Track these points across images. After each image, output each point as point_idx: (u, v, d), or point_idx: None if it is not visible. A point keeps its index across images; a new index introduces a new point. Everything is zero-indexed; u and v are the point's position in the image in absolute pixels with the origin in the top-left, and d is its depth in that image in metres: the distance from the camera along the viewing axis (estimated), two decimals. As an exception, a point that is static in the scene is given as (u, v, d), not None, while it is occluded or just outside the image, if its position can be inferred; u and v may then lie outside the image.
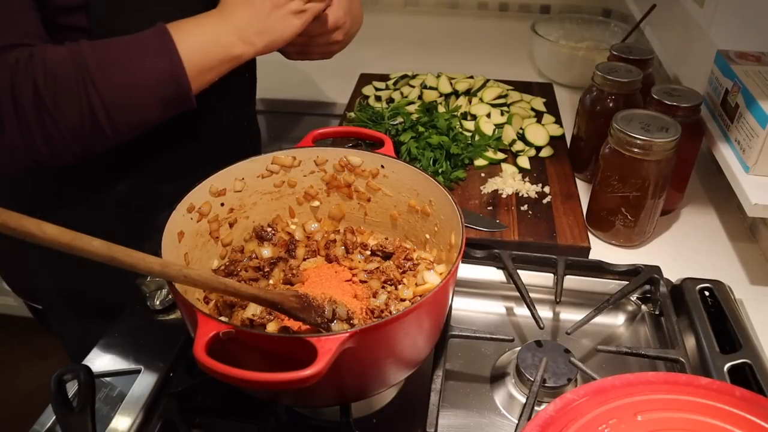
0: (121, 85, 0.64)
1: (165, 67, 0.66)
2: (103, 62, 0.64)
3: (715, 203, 1.01)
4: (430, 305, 0.56)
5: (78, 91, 0.63)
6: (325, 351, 0.46)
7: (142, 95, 0.66)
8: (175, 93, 0.67)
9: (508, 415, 0.67)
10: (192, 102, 0.70)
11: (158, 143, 0.81)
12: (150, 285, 0.75)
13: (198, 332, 0.47)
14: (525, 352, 0.69)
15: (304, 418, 0.66)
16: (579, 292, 0.81)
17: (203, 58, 0.69)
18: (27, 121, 0.62)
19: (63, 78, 0.62)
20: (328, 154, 0.74)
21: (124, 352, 0.70)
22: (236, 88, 0.91)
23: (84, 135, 0.65)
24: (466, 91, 1.22)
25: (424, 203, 0.71)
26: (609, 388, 0.49)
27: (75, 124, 0.64)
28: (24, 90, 0.61)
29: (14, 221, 0.38)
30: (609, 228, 0.90)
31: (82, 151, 0.67)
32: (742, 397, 0.47)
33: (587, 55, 1.34)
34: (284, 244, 0.73)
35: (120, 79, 0.64)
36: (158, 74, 0.66)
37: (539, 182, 1.01)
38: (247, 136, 1.01)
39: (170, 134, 0.79)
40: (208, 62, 0.69)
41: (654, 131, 0.80)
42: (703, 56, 1.01)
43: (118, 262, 0.44)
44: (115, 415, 0.62)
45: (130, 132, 0.68)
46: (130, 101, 0.65)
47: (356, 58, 0.96)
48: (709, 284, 0.78)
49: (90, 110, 0.64)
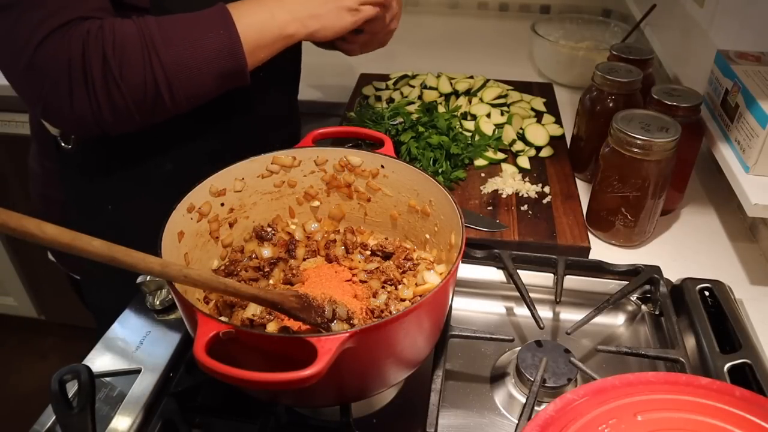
0: (183, 59, 0.68)
1: (224, 43, 0.70)
2: (168, 37, 0.68)
3: (715, 203, 1.01)
4: (430, 305, 0.56)
5: (143, 63, 0.67)
6: (325, 351, 0.46)
7: (202, 69, 0.70)
8: (232, 67, 0.71)
9: (508, 415, 0.67)
10: (246, 77, 0.73)
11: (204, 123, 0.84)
12: (150, 285, 0.75)
13: (198, 332, 0.47)
14: (525, 352, 0.69)
15: (304, 418, 0.66)
16: (579, 292, 0.81)
17: (259, 36, 0.72)
18: (95, 88, 0.66)
19: (130, 50, 0.66)
20: (328, 154, 0.74)
21: (124, 352, 0.70)
22: (281, 74, 0.95)
23: (146, 104, 0.69)
24: (466, 91, 1.22)
25: (424, 203, 0.71)
26: (609, 388, 0.49)
27: (138, 93, 0.68)
28: (94, 59, 0.65)
29: (14, 221, 0.38)
30: (609, 228, 0.90)
31: (142, 119, 0.71)
32: (742, 397, 0.47)
33: (587, 55, 1.34)
34: (284, 244, 0.73)
35: (182, 53, 0.68)
36: (217, 49, 0.70)
37: (539, 182, 1.01)
38: (289, 122, 1.05)
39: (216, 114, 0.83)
40: (263, 40, 0.73)
41: (654, 131, 0.80)
42: (703, 56, 1.01)
43: (118, 262, 0.44)
44: (115, 415, 0.62)
45: (188, 103, 0.72)
46: (190, 74, 0.69)
47: (356, 58, 0.96)
48: (709, 284, 0.78)
49: (153, 81, 0.68)
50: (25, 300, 2.01)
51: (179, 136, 0.84)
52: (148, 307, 0.75)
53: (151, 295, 0.75)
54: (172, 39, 0.68)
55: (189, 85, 0.70)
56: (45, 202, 0.95)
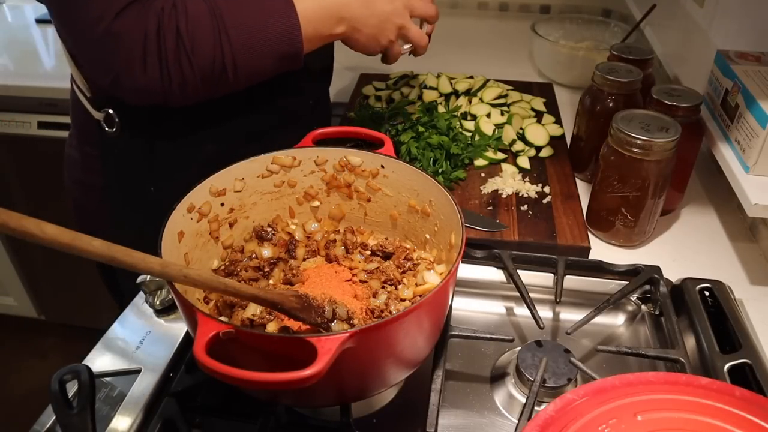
0: (249, 41, 0.74)
1: (286, 28, 0.75)
2: (236, 17, 0.73)
3: (715, 203, 1.01)
4: (430, 305, 0.56)
5: (214, 42, 0.72)
6: (325, 351, 0.46)
7: (264, 49, 0.75)
8: (289, 51, 0.77)
9: (508, 415, 0.67)
10: (301, 61, 0.79)
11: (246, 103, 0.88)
12: (150, 285, 0.74)
13: (198, 332, 0.47)
14: (525, 352, 0.69)
15: (304, 418, 0.66)
16: (579, 292, 0.81)
17: (314, 27, 0.79)
18: (168, 60, 0.71)
19: (202, 27, 0.72)
20: (328, 154, 0.74)
21: (124, 352, 0.70)
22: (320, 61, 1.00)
23: (211, 79, 0.74)
24: (466, 91, 1.22)
25: (424, 203, 0.71)
26: (609, 388, 0.49)
27: (206, 68, 0.73)
28: (168, 33, 0.70)
29: (14, 221, 0.38)
30: (609, 228, 0.90)
31: (205, 93, 0.76)
32: (742, 397, 0.47)
33: (587, 55, 1.34)
34: (284, 244, 0.73)
35: (249, 35, 0.74)
36: (279, 33, 0.75)
37: (539, 182, 1.01)
38: (324, 108, 1.10)
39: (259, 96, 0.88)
40: (317, 31, 0.79)
41: (654, 131, 0.80)
42: (703, 56, 1.01)
43: (118, 262, 0.44)
44: (115, 415, 0.62)
45: (247, 81, 0.78)
46: (253, 55, 0.75)
47: (356, 58, 0.96)
48: (709, 284, 0.78)
49: (221, 59, 0.73)
50: (25, 300, 2.01)
51: (221, 116, 0.88)
52: (149, 307, 0.75)
53: (151, 295, 0.75)
54: (239, 19, 0.73)
55: (251, 65, 0.76)
56: (82, 188, 0.97)
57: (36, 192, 1.71)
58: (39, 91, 1.50)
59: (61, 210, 1.00)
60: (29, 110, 1.55)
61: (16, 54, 1.65)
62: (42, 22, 1.79)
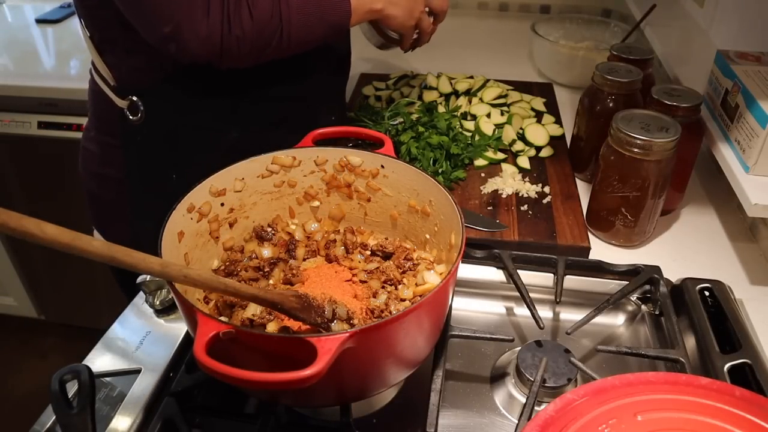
0: (305, 6, 0.78)
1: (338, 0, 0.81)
2: None
3: (715, 203, 1.01)
4: (430, 305, 0.56)
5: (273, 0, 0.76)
6: (325, 351, 0.46)
7: (317, 17, 0.80)
8: (338, 21, 0.82)
9: (508, 415, 0.67)
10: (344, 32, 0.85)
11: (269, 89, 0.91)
12: (150, 285, 0.75)
13: (198, 332, 0.47)
14: (525, 352, 0.69)
15: (304, 418, 0.66)
16: (579, 292, 0.81)
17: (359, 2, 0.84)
18: (230, 11, 0.74)
19: None
20: (328, 154, 0.74)
21: (124, 352, 0.70)
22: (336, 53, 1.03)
23: (265, 37, 0.78)
24: (466, 91, 1.22)
25: (424, 203, 0.71)
26: (609, 388, 0.49)
27: (264, 25, 0.76)
28: None
29: (14, 221, 0.38)
30: (609, 228, 0.90)
31: (256, 53, 0.79)
32: (742, 397, 0.47)
33: (587, 55, 1.34)
34: (284, 244, 0.73)
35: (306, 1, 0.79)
36: (333, 3, 0.81)
37: (539, 182, 1.01)
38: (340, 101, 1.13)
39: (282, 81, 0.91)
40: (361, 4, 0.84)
41: (654, 131, 0.80)
42: (703, 56, 1.01)
43: (118, 262, 0.44)
44: (115, 415, 0.62)
45: (296, 47, 0.81)
46: (308, 22, 0.79)
47: (356, 59, 0.96)
48: (709, 284, 0.78)
49: (279, 18, 0.77)
50: (25, 300, 2.01)
51: (244, 102, 0.90)
52: (149, 307, 0.75)
53: (151, 295, 0.75)
54: None
55: (303, 31, 0.80)
56: (100, 181, 0.97)
57: (36, 192, 1.71)
58: (39, 91, 1.50)
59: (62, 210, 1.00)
60: (29, 110, 1.55)
61: (16, 54, 1.65)
62: (42, 22, 1.79)
